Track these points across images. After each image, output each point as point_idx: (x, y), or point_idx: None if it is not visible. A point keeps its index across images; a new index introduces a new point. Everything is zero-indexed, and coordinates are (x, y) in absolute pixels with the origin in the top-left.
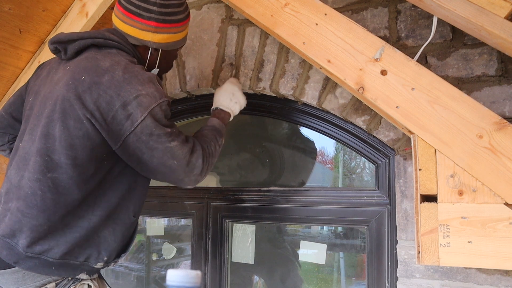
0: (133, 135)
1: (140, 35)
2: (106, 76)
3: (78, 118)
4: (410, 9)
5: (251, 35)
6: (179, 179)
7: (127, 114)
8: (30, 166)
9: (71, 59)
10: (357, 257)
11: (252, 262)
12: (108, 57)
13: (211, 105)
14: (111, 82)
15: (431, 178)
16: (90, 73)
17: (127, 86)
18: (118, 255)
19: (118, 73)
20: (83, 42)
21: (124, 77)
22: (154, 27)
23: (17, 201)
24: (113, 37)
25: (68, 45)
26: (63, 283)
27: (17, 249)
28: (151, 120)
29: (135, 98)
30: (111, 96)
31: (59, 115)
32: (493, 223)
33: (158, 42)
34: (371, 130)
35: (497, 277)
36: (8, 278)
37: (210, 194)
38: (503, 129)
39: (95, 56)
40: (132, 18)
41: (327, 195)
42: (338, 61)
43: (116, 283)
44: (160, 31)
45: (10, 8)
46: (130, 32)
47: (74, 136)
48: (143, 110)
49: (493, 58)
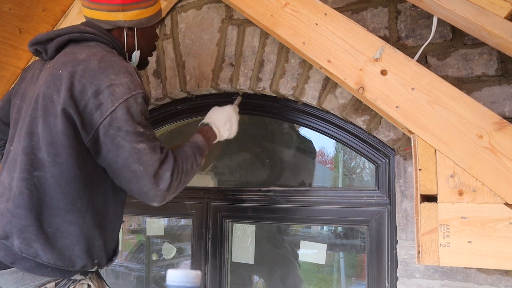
0: (102, 127)
1: (110, 17)
2: (81, 65)
3: (56, 113)
4: (410, 9)
5: (251, 35)
6: (143, 190)
7: (98, 103)
8: (17, 166)
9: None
10: (357, 257)
11: (252, 262)
12: (85, 49)
13: (211, 105)
14: (85, 71)
15: (431, 178)
16: (67, 66)
17: (100, 75)
18: (109, 258)
19: (93, 62)
20: (60, 39)
21: (99, 66)
22: (120, 5)
23: (7, 202)
24: (89, 30)
25: (47, 45)
26: (63, 283)
27: (14, 250)
28: (122, 112)
29: (108, 87)
30: (83, 85)
31: (41, 113)
32: (493, 223)
33: (129, 20)
34: (371, 130)
35: (497, 277)
36: (8, 279)
37: (210, 194)
38: (503, 129)
39: (73, 51)
40: (97, 2)
41: (327, 195)
42: (338, 61)
43: (116, 283)
44: (128, 8)
45: (10, 8)
46: (99, 17)
47: (54, 132)
48: (114, 100)
49: (493, 58)
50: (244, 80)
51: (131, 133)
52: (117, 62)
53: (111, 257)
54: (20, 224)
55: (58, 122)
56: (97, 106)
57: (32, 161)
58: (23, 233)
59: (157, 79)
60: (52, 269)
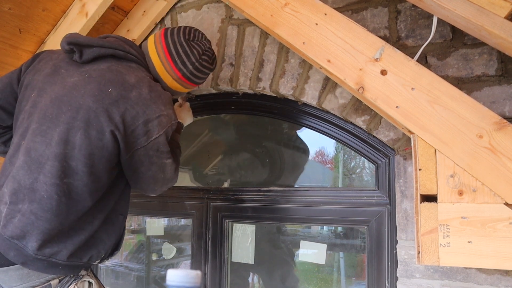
0: (143, 149)
1: (162, 74)
2: (133, 92)
3: (102, 129)
4: (410, 9)
5: (251, 35)
6: (154, 189)
7: (146, 130)
8: (46, 170)
9: (86, 63)
10: (357, 257)
11: (252, 262)
12: (131, 71)
13: (211, 105)
14: (139, 99)
15: (431, 178)
16: (117, 86)
17: (153, 105)
18: (112, 252)
19: (144, 90)
20: (103, 51)
21: (150, 96)
22: (177, 77)
23: (30, 203)
24: (133, 52)
25: (85, 49)
26: (65, 280)
27: (26, 251)
28: (163, 138)
29: (157, 117)
30: (137, 112)
31: (82, 124)
32: (493, 223)
33: (170, 87)
34: (371, 130)
35: (497, 277)
36: (13, 275)
37: (210, 194)
38: (503, 129)
39: (119, 69)
40: (167, 59)
41: (327, 195)
42: (338, 61)
43: (116, 283)
44: (179, 82)
45: (10, 8)
46: (156, 65)
47: (94, 146)
48: (160, 129)
49: (493, 58)
50: (244, 80)
51: (164, 153)
52: (163, 93)
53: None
54: (44, 227)
55: (101, 138)
56: (145, 132)
57: (64, 168)
58: (44, 235)
59: None
60: (63, 267)
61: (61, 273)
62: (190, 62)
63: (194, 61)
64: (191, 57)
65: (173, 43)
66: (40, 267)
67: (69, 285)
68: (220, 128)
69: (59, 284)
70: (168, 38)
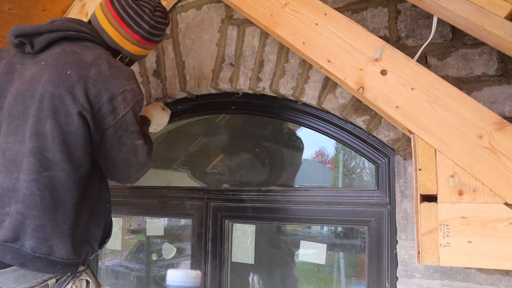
0: (112, 129)
1: (121, 42)
2: (92, 69)
3: (69, 113)
4: (410, 9)
5: (251, 35)
6: (128, 176)
7: (112, 108)
8: (24, 167)
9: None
10: (357, 257)
11: (252, 262)
12: (87, 50)
13: (211, 105)
14: (99, 76)
15: (431, 178)
16: (74, 67)
17: (114, 80)
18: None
19: (104, 67)
20: (54, 36)
21: (111, 71)
22: (137, 40)
23: (15, 204)
24: (84, 29)
25: (34, 39)
26: (63, 279)
27: (23, 251)
28: (130, 115)
29: (121, 93)
30: (99, 90)
31: (49, 112)
32: (493, 223)
33: (132, 53)
34: (371, 130)
35: (497, 277)
36: (9, 277)
37: (210, 194)
38: (503, 129)
39: (74, 50)
40: (121, 25)
41: (327, 195)
42: (338, 61)
43: (116, 283)
44: (139, 45)
45: (10, 8)
46: (111, 35)
47: (66, 132)
48: (126, 105)
49: (493, 58)
50: (244, 80)
51: (134, 132)
52: (124, 67)
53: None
54: (35, 225)
55: (72, 122)
56: (111, 110)
57: (41, 161)
58: (38, 233)
59: (157, 79)
60: (62, 266)
61: (60, 272)
62: (144, 22)
63: (148, 19)
64: (144, 17)
65: (122, 7)
66: (39, 267)
67: (66, 284)
68: (220, 128)
69: (57, 284)
70: (115, 4)
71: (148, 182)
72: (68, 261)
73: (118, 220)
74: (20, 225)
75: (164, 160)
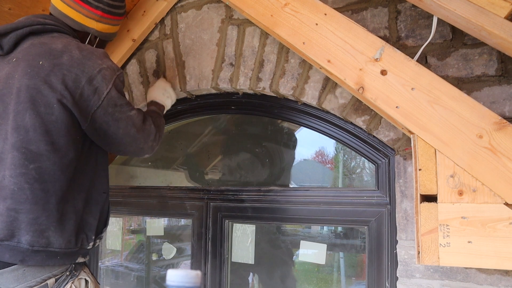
0: (100, 109)
1: (85, 22)
2: (64, 56)
3: (48, 102)
4: (410, 9)
5: (251, 35)
6: (139, 147)
7: (93, 88)
8: (8, 163)
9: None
10: (357, 257)
11: (252, 262)
12: (55, 40)
13: (211, 105)
14: (72, 61)
15: (431, 178)
16: (46, 57)
17: (88, 62)
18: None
19: (75, 52)
20: (20, 32)
21: (82, 55)
22: (99, 16)
23: (4, 201)
24: (49, 22)
25: (2, 40)
26: (62, 279)
27: (21, 247)
28: (115, 91)
29: (99, 72)
30: (76, 74)
31: (27, 104)
32: (493, 223)
33: (100, 31)
34: (371, 130)
35: (497, 277)
36: (8, 277)
37: (210, 194)
38: (503, 129)
39: (42, 41)
40: (79, 4)
41: (327, 195)
42: (338, 61)
43: (116, 283)
44: (103, 21)
45: (10, 8)
46: (73, 17)
47: (48, 121)
48: (107, 82)
49: (493, 58)
50: (244, 80)
51: (124, 105)
52: (95, 49)
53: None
54: (29, 219)
55: (51, 111)
56: (94, 91)
57: (25, 155)
58: (33, 226)
59: (157, 79)
60: (61, 257)
61: (59, 264)
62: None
63: None
64: None
65: None
66: (39, 260)
67: (65, 284)
68: (220, 128)
69: (56, 284)
70: None
71: (148, 182)
72: (66, 250)
73: (118, 220)
74: (13, 221)
75: (164, 160)
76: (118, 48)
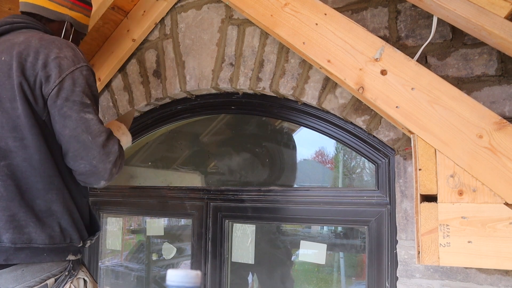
0: (50, 98)
1: (57, 8)
2: (22, 45)
3: (13, 97)
4: (410, 9)
5: (251, 35)
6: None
7: (46, 75)
8: None
9: None
10: (357, 257)
11: (252, 262)
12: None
13: (211, 105)
14: (29, 48)
15: (431, 178)
16: (7, 51)
17: (45, 49)
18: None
19: (34, 41)
20: None
21: (41, 43)
22: (71, 3)
23: None
24: (18, 20)
25: None
26: (61, 278)
27: (3, 246)
28: (69, 83)
29: (54, 59)
30: (31, 60)
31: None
32: (493, 223)
33: (74, 19)
34: (371, 130)
35: (497, 277)
36: (7, 277)
37: (210, 194)
38: (503, 129)
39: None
40: None
41: (327, 195)
42: (338, 61)
43: (116, 283)
44: (75, 8)
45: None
46: (45, 5)
47: (14, 116)
48: (61, 71)
49: (493, 58)
50: (244, 80)
51: (77, 103)
52: (57, 39)
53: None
54: (6, 216)
55: (17, 105)
56: (46, 78)
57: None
58: (12, 223)
59: (157, 79)
60: (48, 253)
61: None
62: None
63: None
64: None
65: None
66: (24, 258)
67: (65, 284)
68: (220, 128)
69: (55, 284)
70: None
71: (148, 182)
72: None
73: (118, 220)
74: None
75: (164, 160)
76: (118, 48)
